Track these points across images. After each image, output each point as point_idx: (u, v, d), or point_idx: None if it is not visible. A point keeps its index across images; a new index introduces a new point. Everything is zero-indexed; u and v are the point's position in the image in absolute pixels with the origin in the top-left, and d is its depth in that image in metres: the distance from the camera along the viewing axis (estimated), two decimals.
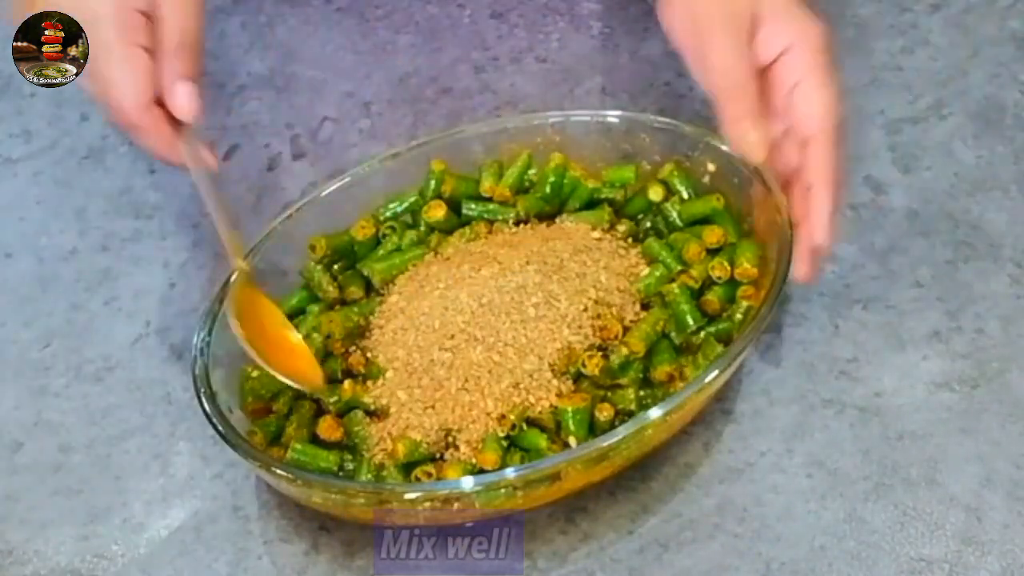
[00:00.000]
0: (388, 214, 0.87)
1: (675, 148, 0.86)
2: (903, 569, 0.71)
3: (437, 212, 0.86)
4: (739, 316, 0.79)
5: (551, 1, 1.06)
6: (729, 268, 0.80)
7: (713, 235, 0.81)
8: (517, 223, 0.85)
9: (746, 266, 0.79)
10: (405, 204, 0.87)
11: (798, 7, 0.78)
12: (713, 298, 0.79)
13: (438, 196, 0.87)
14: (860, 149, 0.91)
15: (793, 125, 0.77)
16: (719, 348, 0.77)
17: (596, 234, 0.83)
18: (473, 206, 0.86)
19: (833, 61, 0.78)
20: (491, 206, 0.86)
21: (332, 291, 0.84)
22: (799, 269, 0.76)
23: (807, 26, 0.78)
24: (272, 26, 1.07)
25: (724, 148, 0.82)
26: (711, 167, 0.84)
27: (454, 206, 0.86)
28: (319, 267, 0.85)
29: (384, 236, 0.86)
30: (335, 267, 0.85)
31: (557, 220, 0.85)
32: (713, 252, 0.81)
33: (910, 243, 0.86)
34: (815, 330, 0.82)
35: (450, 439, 0.75)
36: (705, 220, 0.83)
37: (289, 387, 0.77)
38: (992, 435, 0.76)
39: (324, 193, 0.87)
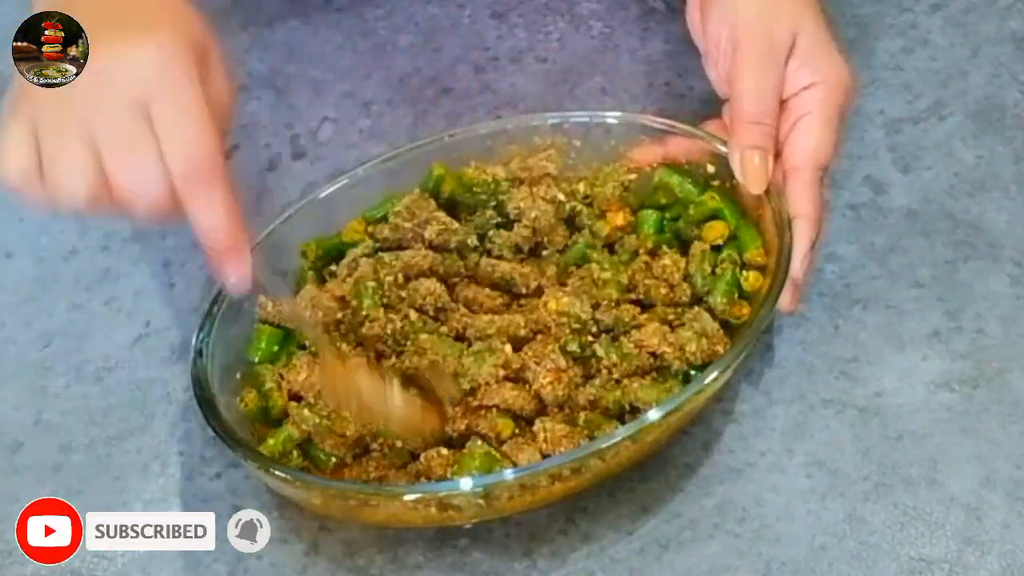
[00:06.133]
0: (379, 216, 0.87)
1: None
2: (903, 569, 0.71)
3: None
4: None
5: (551, 1, 1.06)
6: (739, 259, 0.79)
7: (713, 231, 0.81)
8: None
9: (753, 252, 0.79)
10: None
11: (832, 45, 0.80)
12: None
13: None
14: (860, 149, 0.91)
15: (783, 153, 0.79)
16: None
17: None
18: None
19: (849, 107, 0.80)
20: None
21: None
22: (781, 299, 0.76)
23: (836, 68, 0.79)
24: (272, 26, 1.07)
25: (723, 150, 0.82)
26: (710, 168, 0.83)
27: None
28: (311, 272, 0.84)
29: None
30: (326, 271, 0.85)
31: None
32: (716, 249, 0.81)
33: (910, 243, 0.86)
34: (815, 330, 0.82)
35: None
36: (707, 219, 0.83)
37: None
38: (992, 435, 0.76)
39: (322, 195, 0.86)
